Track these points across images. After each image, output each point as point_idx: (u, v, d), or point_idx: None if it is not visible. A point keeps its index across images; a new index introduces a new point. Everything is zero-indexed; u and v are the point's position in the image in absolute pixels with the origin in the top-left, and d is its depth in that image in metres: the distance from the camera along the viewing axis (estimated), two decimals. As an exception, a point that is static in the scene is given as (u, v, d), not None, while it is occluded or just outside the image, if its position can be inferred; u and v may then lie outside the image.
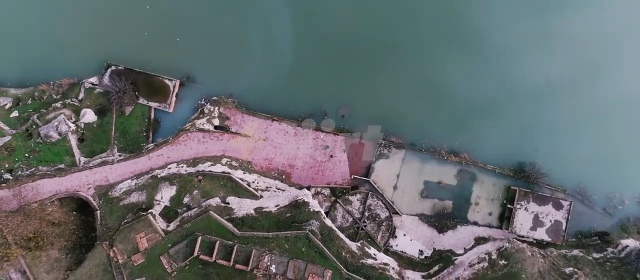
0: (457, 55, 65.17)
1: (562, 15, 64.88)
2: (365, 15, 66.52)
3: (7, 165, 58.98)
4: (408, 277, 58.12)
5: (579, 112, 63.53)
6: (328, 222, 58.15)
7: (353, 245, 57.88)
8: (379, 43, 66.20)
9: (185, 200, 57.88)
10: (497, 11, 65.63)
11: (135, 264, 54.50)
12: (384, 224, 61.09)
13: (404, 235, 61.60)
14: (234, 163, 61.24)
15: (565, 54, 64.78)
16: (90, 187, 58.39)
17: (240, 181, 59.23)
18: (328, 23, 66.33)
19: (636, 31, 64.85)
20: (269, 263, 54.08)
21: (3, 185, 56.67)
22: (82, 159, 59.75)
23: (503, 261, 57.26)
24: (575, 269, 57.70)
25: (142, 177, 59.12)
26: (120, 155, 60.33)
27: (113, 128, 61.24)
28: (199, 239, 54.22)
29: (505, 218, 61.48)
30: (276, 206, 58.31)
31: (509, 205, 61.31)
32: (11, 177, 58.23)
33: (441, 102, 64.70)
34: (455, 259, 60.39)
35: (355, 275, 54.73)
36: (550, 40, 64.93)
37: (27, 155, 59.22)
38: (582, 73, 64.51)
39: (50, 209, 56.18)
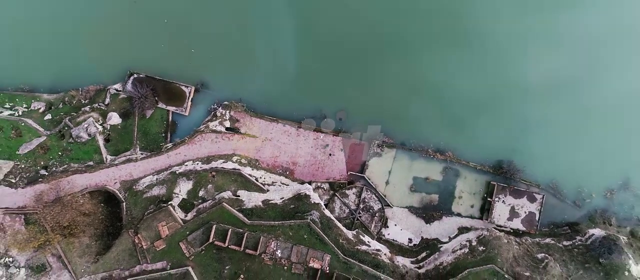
0: (448, 56, 71.76)
1: (541, 17, 71.72)
2: (362, 25, 73.34)
3: (42, 163, 66.45)
4: (398, 262, 65.47)
5: (551, 115, 70.52)
6: (327, 212, 65.68)
7: (349, 234, 65.33)
8: (375, 51, 73.23)
9: (201, 193, 65.37)
10: (484, 13, 72.40)
11: (158, 249, 61.94)
12: (377, 215, 68.54)
13: (395, 225, 68.97)
14: (243, 161, 68.66)
15: (544, 57, 71.52)
16: (116, 182, 65.83)
17: (249, 177, 66.69)
18: (327, 33, 73.40)
19: (623, 34, 71.31)
20: (275, 248, 61.52)
21: (41, 180, 64.25)
22: (109, 157, 67.20)
23: (482, 247, 64.65)
24: (546, 255, 64.95)
25: (162, 173, 66.55)
26: (142, 154, 67.73)
27: (135, 129, 68.59)
28: (214, 227, 61.66)
29: (485, 210, 68.80)
30: (281, 199, 65.80)
31: (488, 199, 68.65)
32: (46, 173, 65.70)
33: (432, 100, 71.66)
34: (441, 247, 67.77)
35: (351, 260, 62.11)
36: (534, 41, 71.86)
37: (60, 153, 66.70)
38: (559, 76, 71.59)
39: (81, 201, 63.48)
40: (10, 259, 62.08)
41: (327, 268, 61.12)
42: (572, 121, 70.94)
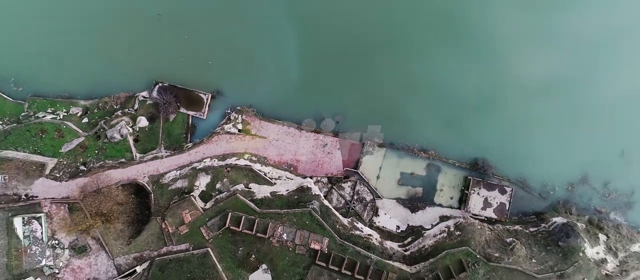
0: (437, 60, 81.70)
1: (528, 18, 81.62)
2: (359, 34, 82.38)
3: (81, 160, 77.28)
4: (387, 245, 76.29)
5: (520, 117, 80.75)
6: (326, 202, 76.50)
7: (345, 221, 76.12)
8: (370, 57, 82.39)
9: (218, 186, 76.23)
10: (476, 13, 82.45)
11: (181, 233, 72.78)
12: (369, 205, 79.35)
13: (385, 214, 79.68)
14: (253, 158, 79.45)
15: (524, 62, 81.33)
16: (145, 176, 76.65)
17: (259, 172, 77.52)
18: (326, 44, 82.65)
19: (602, 36, 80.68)
20: (281, 232, 72.38)
21: (80, 174, 75.12)
22: (138, 155, 78.00)
23: (458, 232, 75.39)
24: (514, 239, 75.51)
25: (184, 169, 77.37)
26: (166, 152, 78.49)
27: (161, 131, 79.34)
28: (229, 214, 72.46)
29: (463, 201, 79.53)
30: (286, 190, 76.66)
31: (465, 191, 79.34)
32: (85, 169, 76.56)
33: (423, 101, 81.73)
34: (424, 232, 78.47)
35: (346, 242, 72.92)
36: (516, 45, 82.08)
37: (96, 152, 77.53)
38: (532, 82, 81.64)
39: (116, 192, 74.33)
40: (56, 242, 73.00)
41: (326, 249, 72.00)
42: (539, 123, 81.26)
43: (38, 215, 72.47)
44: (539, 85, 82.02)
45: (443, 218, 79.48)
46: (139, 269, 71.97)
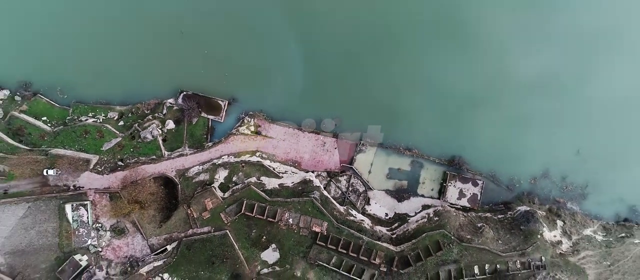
0: (425, 63, 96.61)
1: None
2: (358, 44, 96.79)
3: (119, 156, 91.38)
4: (377, 229, 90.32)
5: (491, 119, 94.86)
6: (325, 193, 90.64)
7: (341, 208, 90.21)
8: (368, 65, 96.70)
9: (234, 178, 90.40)
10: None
11: (204, 218, 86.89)
12: (361, 195, 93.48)
13: (375, 203, 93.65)
14: (264, 155, 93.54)
15: (499, 66, 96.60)
16: (172, 170, 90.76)
17: (269, 167, 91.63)
18: (327, 55, 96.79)
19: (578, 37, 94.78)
20: (288, 217, 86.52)
21: (119, 169, 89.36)
22: (166, 153, 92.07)
23: (436, 218, 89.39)
24: (484, 224, 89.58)
25: (205, 164, 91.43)
26: (190, 150, 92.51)
27: (185, 132, 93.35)
28: (244, 202, 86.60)
29: (442, 192, 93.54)
30: (292, 182, 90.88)
31: (443, 184, 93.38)
32: (123, 164, 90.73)
33: (413, 103, 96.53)
34: (408, 218, 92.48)
35: (342, 226, 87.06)
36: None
37: (131, 150, 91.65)
38: (497, 88, 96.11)
39: (149, 184, 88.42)
40: (100, 225, 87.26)
41: (325, 231, 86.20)
42: (507, 124, 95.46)
43: (84, 202, 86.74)
44: (510, 93, 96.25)
45: (425, 206, 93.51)
46: (169, 247, 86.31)
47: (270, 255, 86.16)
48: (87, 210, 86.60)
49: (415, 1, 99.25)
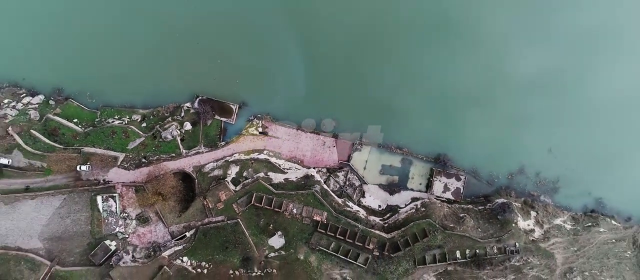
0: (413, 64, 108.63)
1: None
2: (357, 48, 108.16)
3: (142, 154, 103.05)
4: (371, 218, 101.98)
5: (472, 119, 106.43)
6: (325, 186, 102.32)
7: (339, 200, 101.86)
8: (367, 70, 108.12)
9: (245, 174, 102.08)
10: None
11: (218, 208, 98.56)
12: (357, 189, 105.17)
13: (369, 196, 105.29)
14: (270, 153, 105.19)
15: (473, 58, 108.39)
16: (190, 166, 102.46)
17: (275, 163, 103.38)
18: (327, 63, 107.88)
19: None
20: (292, 208, 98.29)
21: (143, 165, 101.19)
22: (184, 151, 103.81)
23: (423, 209, 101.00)
24: (466, 214, 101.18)
25: (219, 161, 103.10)
26: (205, 149, 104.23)
27: (201, 133, 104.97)
28: (254, 194, 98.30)
29: (429, 186, 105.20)
30: (295, 177, 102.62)
31: (430, 179, 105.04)
32: (146, 161, 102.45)
33: (405, 105, 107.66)
34: (399, 209, 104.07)
35: (340, 215, 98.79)
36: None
37: (154, 148, 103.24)
38: (481, 89, 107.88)
39: (169, 178, 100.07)
40: (126, 214, 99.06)
41: (325, 220, 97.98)
42: (487, 124, 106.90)
43: (113, 194, 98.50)
44: (495, 95, 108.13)
45: (413, 199, 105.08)
46: (188, 234, 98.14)
47: (277, 241, 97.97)
48: (115, 202, 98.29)
49: (415, 1, 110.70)
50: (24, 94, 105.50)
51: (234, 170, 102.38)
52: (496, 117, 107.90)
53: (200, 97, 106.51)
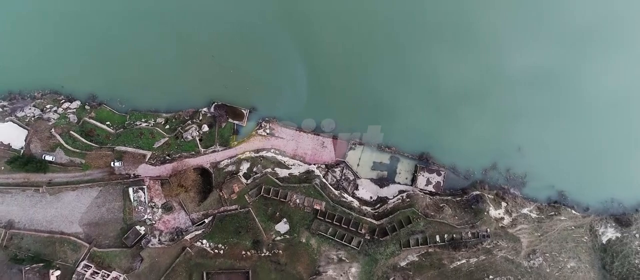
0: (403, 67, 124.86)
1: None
2: (355, 52, 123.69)
3: (166, 152, 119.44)
4: (363, 208, 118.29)
5: (454, 119, 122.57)
6: (324, 180, 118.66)
7: (336, 192, 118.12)
8: (364, 73, 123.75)
9: (255, 169, 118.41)
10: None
11: (232, 199, 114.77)
12: (351, 182, 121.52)
13: (362, 188, 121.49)
14: (277, 152, 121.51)
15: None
16: (208, 163, 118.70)
17: (280, 160, 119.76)
18: (328, 69, 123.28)
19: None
20: (295, 198, 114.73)
21: (167, 161, 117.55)
22: (202, 149, 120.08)
23: (408, 199, 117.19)
24: (445, 204, 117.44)
25: (232, 158, 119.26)
26: (220, 148, 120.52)
27: (216, 134, 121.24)
28: (263, 187, 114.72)
29: (413, 180, 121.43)
30: (298, 172, 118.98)
31: (415, 174, 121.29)
32: (169, 158, 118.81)
33: (400, 105, 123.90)
34: (388, 200, 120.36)
35: (337, 205, 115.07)
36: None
37: (176, 147, 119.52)
38: (468, 89, 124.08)
39: (190, 173, 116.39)
40: (153, 204, 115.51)
41: (323, 209, 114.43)
42: (469, 125, 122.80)
43: (142, 187, 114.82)
44: (472, 92, 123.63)
45: (400, 191, 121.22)
46: (206, 220, 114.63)
47: (282, 226, 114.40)
48: (144, 193, 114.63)
49: (414, 2, 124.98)
50: (63, 100, 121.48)
51: (245, 166, 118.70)
52: (476, 118, 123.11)
53: (215, 103, 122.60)
